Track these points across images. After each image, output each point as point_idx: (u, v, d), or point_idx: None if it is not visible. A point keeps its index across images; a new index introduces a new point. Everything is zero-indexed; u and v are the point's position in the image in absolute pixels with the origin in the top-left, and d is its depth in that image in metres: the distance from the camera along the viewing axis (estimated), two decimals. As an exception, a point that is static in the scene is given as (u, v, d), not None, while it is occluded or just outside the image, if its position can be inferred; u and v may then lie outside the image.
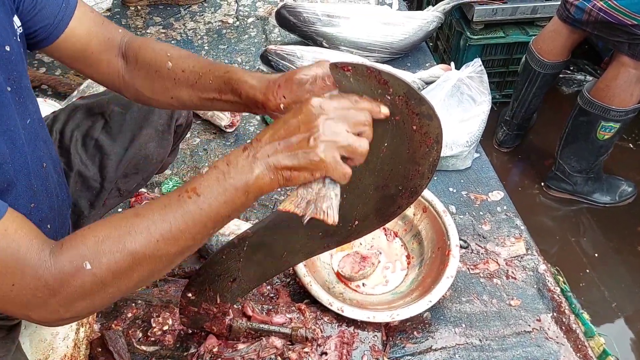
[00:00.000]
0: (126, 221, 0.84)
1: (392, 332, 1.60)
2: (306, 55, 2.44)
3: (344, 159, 0.89)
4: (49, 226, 1.14)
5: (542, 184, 2.79)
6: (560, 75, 3.44)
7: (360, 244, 1.77)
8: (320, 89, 0.99)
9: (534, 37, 2.86)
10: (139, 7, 3.03)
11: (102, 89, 1.77)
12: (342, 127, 0.88)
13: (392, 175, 1.06)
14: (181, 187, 0.87)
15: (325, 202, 0.92)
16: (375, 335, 1.52)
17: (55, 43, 1.10)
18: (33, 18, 1.05)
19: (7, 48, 0.96)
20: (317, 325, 1.51)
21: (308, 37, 2.59)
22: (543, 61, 2.58)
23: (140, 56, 1.16)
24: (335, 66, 0.94)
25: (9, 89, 0.96)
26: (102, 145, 1.41)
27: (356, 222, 1.16)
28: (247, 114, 2.37)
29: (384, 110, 0.93)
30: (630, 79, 2.29)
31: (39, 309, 0.81)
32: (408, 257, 1.76)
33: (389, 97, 0.94)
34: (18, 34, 1.01)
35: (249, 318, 1.49)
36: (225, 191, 0.86)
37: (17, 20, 1.01)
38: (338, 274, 1.71)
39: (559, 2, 2.49)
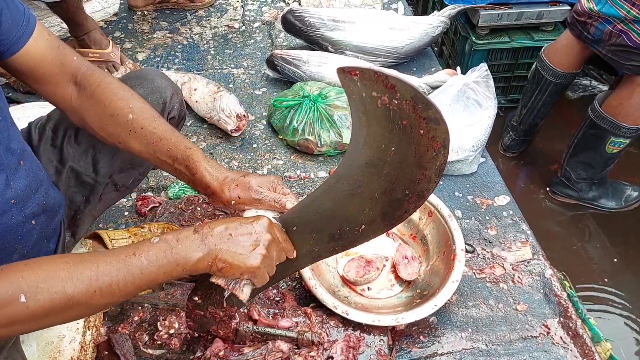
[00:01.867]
0: (70, 266, 0.90)
1: (398, 336, 1.60)
2: (312, 60, 2.45)
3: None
4: (33, 222, 1.16)
5: (547, 189, 2.78)
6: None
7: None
8: (268, 205, 1.19)
9: (539, 42, 2.89)
10: (145, 12, 3.05)
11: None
12: (278, 254, 1.13)
13: (398, 179, 1.06)
14: (129, 248, 0.97)
15: (245, 286, 1.11)
16: (382, 340, 1.52)
17: (10, 58, 1.14)
18: None
19: None
20: (323, 329, 1.51)
21: (314, 41, 2.60)
22: (555, 70, 2.59)
23: (97, 93, 1.20)
24: (342, 70, 0.94)
25: None
26: (94, 141, 1.40)
27: (363, 227, 1.17)
28: (253, 118, 2.38)
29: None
30: None
31: None
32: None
33: (396, 102, 0.94)
34: None
35: (255, 322, 1.49)
36: (168, 263, 0.98)
37: None
38: (343, 278, 1.71)
39: (569, 17, 2.49)
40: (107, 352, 1.45)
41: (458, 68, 2.26)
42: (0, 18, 1.07)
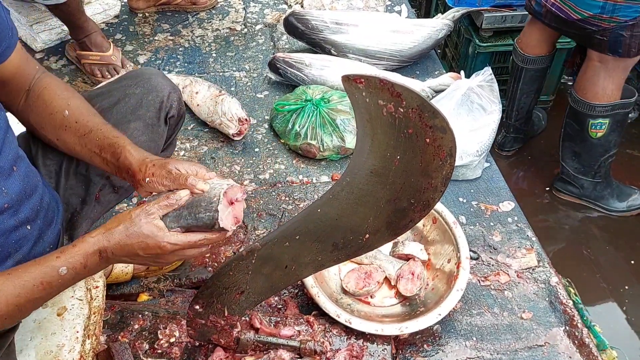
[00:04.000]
0: None
1: (401, 345, 1.58)
2: (314, 63, 2.43)
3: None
4: (28, 227, 1.16)
5: (548, 187, 2.77)
6: (570, 83, 3.42)
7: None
8: (179, 185, 1.13)
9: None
10: (146, 14, 3.03)
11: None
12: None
13: (404, 188, 1.04)
14: (36, 277, 1.01)
15: None
16: (385, 349, 1.50)
17: None
18: None
19: None
20: (326, 338, 1.49)
21: (316, 44, 2.58)
22: (525, 56, 2.60)
23: (41, 96, 1.26)
24: (347, 78, 0.92)
25: None
26: None
27: (367, 236, 1.15)
28: (255, 122, 2.36)
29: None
30: (596, 72, 2.32)
31: None
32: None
33: (402, 110, 0.92)
34: None
35: (256, 330, 1.47)
36: (75, 282, 1.08)
37: None
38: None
39: None
40: (106, 361, 1.43)
41: (462, 72, 2.24)
42: None
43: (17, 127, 1.28)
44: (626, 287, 2.38)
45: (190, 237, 1.08)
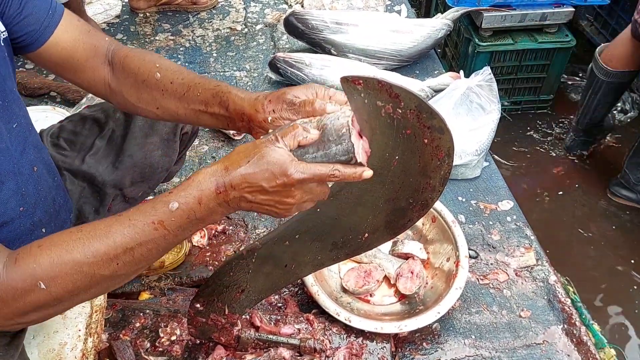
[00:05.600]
0: (83, 244, 0.86)
1: (401, 343, 1.59)
2: (314, 63, 2.44)
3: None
4: (43, 230, 1.15)
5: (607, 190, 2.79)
6: (570, 83, 3.43)
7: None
8: (306, 114, 1.00)
9: (543, 44, 2.87)
10: (147, 14, 3.04)
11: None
12: (309, 204, 0.97)
13: (402, 188, 1.05)
14: (146, 215, 0.89)
15: None
16: (384, 347, 1.51)
17: (40, 49, 1.11)
18: (19, 23, 1.06)
19: None
20: (326, 336, 1.51)
21: (316, 44, 2.59)
22: (607, 70, 2.59)
23: (126, 64, 1.18)
24: (346, 80, 0.93)
25: None
26: (108, 154, 1.41)
27: (366, 235, 1.16)
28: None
29: (366, 174, 0.95)
30: None
31: None
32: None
33: (400, 111, 0.93)
34: (2, 38, 1.02)
35: (257, 328, 1.48)
36: (191, 226, 0.91)
37: (0, 25, 1.02)
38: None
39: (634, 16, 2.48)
40: (108, 359, 1.45)
41: (461, 71, 2.25)
42: (24, 9, 1.06)
43: (37, 125, 1.24)
44: (625, 286, 2.39)
45: (321, 167, 0.92)
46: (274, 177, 0.89)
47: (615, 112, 3.04)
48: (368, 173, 0.95)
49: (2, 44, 1.03)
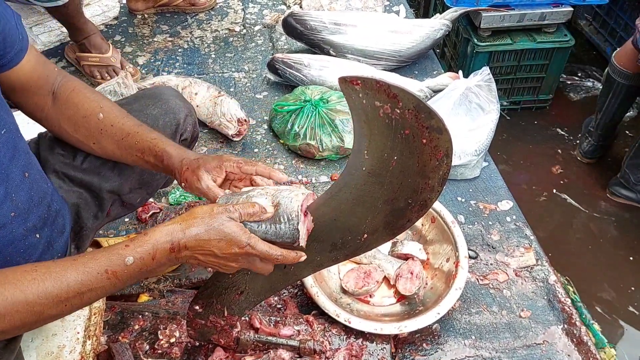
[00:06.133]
0: (37, 284, 0.90)
1: (401, 344, 1.58)
2: (313, 64, 2.43)
3: None
4: (37, 235, 1.14)
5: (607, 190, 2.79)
6: (568, 82, 3.43)
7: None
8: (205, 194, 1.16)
9: (542, 44, 2.86)
10: (145, 15, 3.04)
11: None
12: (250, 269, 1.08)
13: (401, 188, 1.05)
14: (101, 263, 0.95)
15: None
16: (384, 348, 1.51)
17: (10, 71, 1.15)
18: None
19: None
20: (325, 338, 1.50)
21: (315, 45, 2.58)
22: (626, 73, 2.59)
23: (71, 97, 1.25)
24: (344, 80, 0.93)
25: None
26: (106, 160, 1.40)
27: (365, 236, 1.15)
28: (254, 122, 2.36)
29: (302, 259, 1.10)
30: None
31: None
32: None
33: (399, 111, 0.93)
34: None
35: (256, 330, 1.48)
36: (141, 276, 0.99)
37: None
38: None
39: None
40: (107, 362, 1.44)
41: (460, 72, 2.25)
42: (3, 30, 1.08)
43: (26, 133, 1.25)
44: (625, 285, 2.39)
45: (272, 249, 1.04)
46: (227, 246, 1.00)
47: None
48: (304, 258, 1.09)
49: None
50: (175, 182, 2.05)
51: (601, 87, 2.83)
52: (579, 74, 3.47)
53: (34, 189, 1.13)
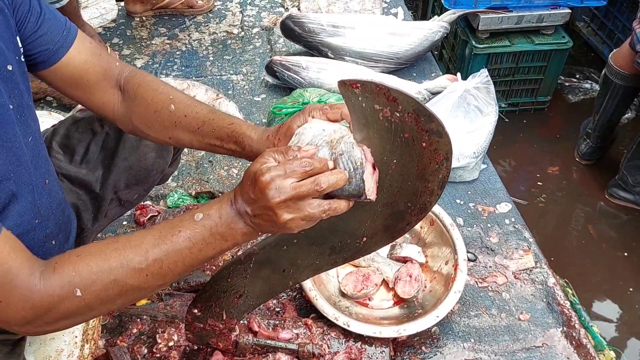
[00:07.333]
0: (119, 254, 0.91)
1: (400, 347, 1.58)
2: (311, 66, 2.43)
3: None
4: (53, 242, 1.14)
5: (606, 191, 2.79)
6: (567, 84, 3.44)
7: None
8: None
9: (540, 46, 2.86)
10: (143, 18, 3.03)
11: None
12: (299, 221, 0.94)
13: (401, 192, 1.04)
14: (174, 226, 0.93)
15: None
16: (383, 351, 1.51)
17: (51, 68, 1.13)
18: (34, 41, 1.08)
19: (10, 67, 0.98)
20: (324, 341, 1.50)
21: (313, 47, 2.58)
22: (624, 74, 2.59)
23: (139, 93, 1.19)
24: (343, 83, 0.92)
25: (11, 106, 0.97)
26: (102, 157, 1.40)
27: (364, 239, 1.15)
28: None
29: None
30: None
31: (24, 325, 0.88)
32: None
33: (398, 114, 0.92)
34: (21, 53, 1.04)
35: (255, 334, 1.47)
36: (214, 241, 0.93)
37: (18, 41, 1.03)
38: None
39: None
40: (105, 366, 1.44)
41: (458, 74, 2.25)
42: (40, 29, 1.08)
43: None
44: (624, 287, 2.39)
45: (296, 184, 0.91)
46: (250, 183, 0.90)
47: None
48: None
49: (22, 60, 1.04)
50: (173, 183, 2.06)
51: (598, 89, 2.83)
52: (577, 76, 3.47)
53: (52, 196, 1.13)
